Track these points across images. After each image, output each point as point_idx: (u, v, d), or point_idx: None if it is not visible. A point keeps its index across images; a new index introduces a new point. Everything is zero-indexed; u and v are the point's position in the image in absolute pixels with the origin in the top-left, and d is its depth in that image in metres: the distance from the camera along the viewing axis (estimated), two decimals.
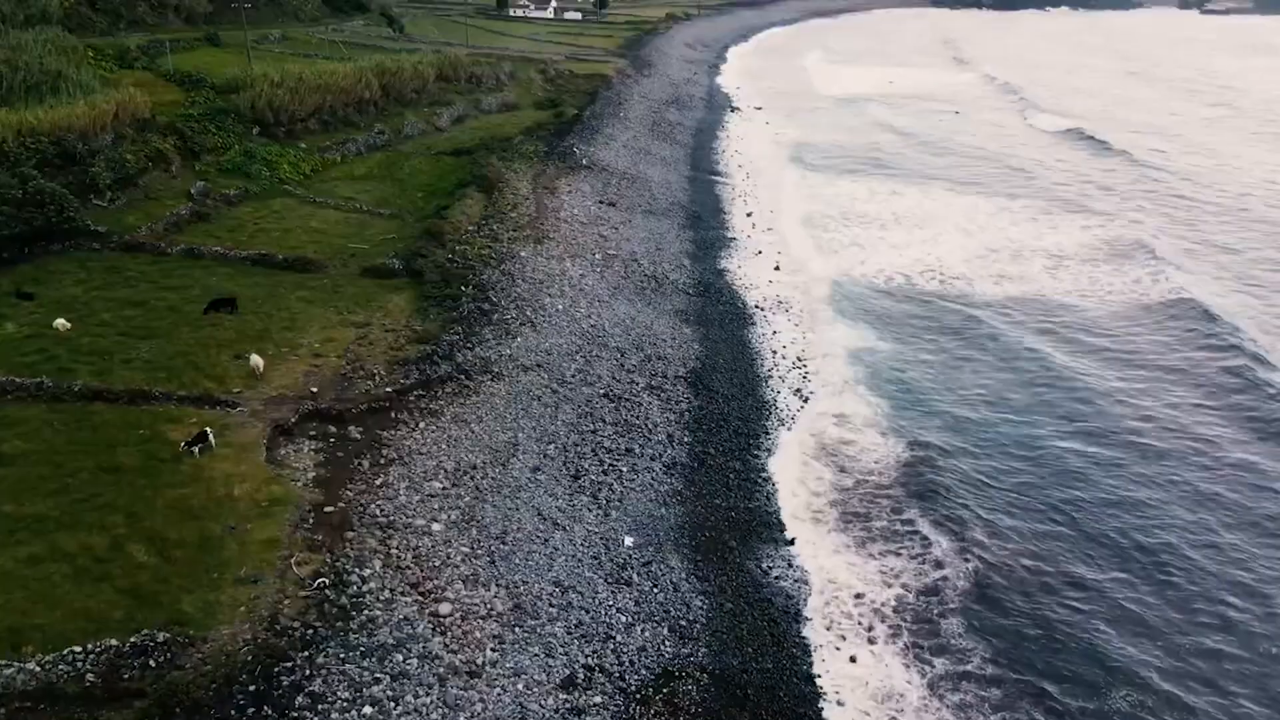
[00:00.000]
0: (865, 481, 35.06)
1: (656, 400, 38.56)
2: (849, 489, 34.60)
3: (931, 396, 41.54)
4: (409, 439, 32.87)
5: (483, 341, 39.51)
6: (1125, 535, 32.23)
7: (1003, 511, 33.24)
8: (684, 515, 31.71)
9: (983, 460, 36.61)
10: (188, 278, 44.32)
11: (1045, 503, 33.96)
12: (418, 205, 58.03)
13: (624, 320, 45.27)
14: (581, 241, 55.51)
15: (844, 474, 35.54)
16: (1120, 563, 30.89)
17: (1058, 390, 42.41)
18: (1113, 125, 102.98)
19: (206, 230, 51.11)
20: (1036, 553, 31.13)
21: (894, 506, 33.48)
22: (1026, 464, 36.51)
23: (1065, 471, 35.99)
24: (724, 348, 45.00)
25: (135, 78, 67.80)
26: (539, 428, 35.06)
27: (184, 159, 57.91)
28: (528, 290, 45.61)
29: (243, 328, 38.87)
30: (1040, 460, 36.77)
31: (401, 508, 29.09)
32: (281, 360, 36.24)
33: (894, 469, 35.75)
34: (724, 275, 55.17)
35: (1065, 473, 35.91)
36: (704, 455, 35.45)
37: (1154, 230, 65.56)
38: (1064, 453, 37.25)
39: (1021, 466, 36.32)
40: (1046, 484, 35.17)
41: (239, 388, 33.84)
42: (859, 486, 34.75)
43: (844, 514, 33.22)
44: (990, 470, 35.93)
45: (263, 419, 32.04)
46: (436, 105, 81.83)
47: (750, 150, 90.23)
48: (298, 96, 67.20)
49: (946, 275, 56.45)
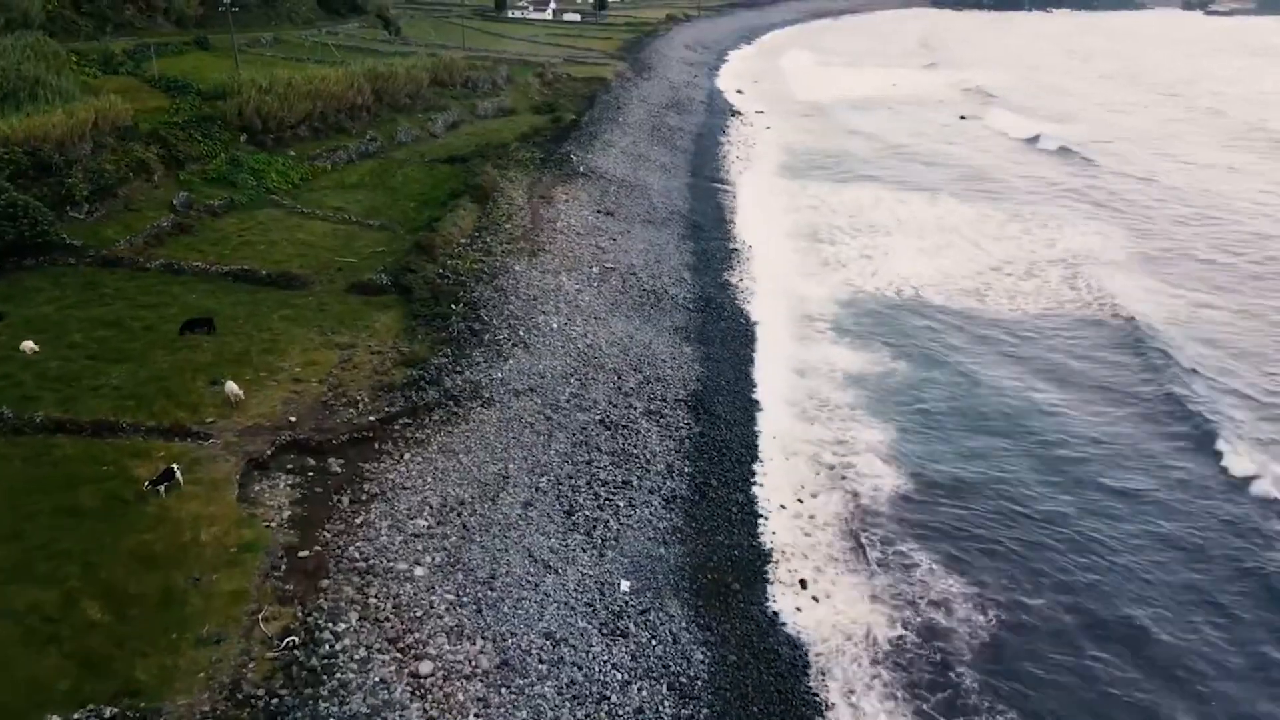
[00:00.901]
0: (874, 514, 33.16)
1: (655, 427, 36.67)
2: (857, 523, 32.69)
3: (940, 422, 39.62)
4: (393, 472, 30.98)
5: (473, 364, 37.61)
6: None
7: (1018, 555, 31.36)
8: (684, 555, 29.84)
9: (995, 492, 34.72)
10: (166, 295, 42.43)
11: (1065, 545, 32.09)
12: (409, 216, 56.13)
13: (621, 339, 43.38)
14: (578, 254, 53.61)
15: (852, 506, 33.63)
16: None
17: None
18: (1095, 135, 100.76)
19: (188, 243, 49.22)
20: (1056, 602, 29.26)
21: (901, 542, 31.62)
22: (1044, 497, 34.63)
23: (1090, 511, 34.13)
24: (726, 368, 43.12)
25: (120, 83, 65.99)
26: (531, 458, 33.17)
27: (167, 168, 56.00)
28: (521, 307, 43.72)
29: (221, 350, 36.98)
30: (1062, 498, 34.90)
31: (382, 550, 27.21)
32: (260, 386, 34.34)
33: (902, 501, 33.86)
34: (726, 289, 53.26)
35: (1090, 512, 34.04)
36: (705, 487, 33.57)
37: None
38: (1087, 490, 35.38)
39: (1038, 499, 34.45)
40: (1067, 524, 33.30)
41: (213, 417, 31.94)
42: (868, 520, 32.85)
43: (851, 550, 31.35)
44: (1005, 509, 34.02)
45: (236, 452, 30.14)
46: (431, 111, 79.94)
47: (752, 156, 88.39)
48: (287, 103, 65.29)
49: (956, 289, 54.50)
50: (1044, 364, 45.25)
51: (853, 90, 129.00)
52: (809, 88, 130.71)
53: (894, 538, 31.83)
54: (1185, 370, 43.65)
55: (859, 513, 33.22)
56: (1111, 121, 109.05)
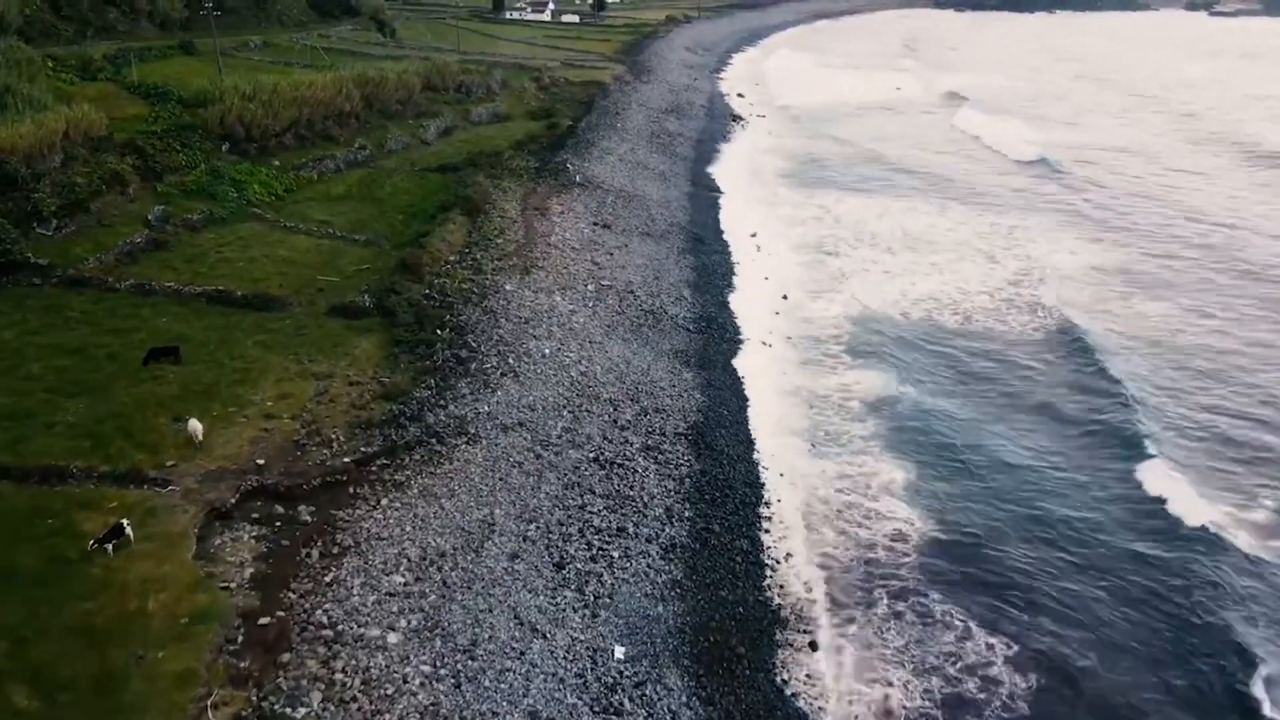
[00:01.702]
0: (892, 563, 30.67)
1: (653, 464, 34.19)
2: (873, 573, 30.20)
3: (960, 456, 37.14)
4: (368, 520, 28.54)
5: (458, 397, 35.13)
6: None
7: (1056, 611, 28.89)
8: (684, 613, 27.37)
9: (1030, 536, 32.26)
10: (134, 318, 40.01)
11: (1113, 598, 29.65)
12: (397, 230, 53.65)
13: (618, 365, 40.91)
14: (573, 270, 51.15)
15: (867, 553, 31.16)
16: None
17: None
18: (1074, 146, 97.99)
19: (163, 260, 46.79)
20: (1091, 654, 26.84)
21: (923, 595, 29.14)
22: (1070, 543, 32.19)
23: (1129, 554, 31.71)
24: (728, 395, 40.66)
25: (98, 90, 63.55)
26: (519, 502, 30.70)
27: (144, 180, 53.50)
28: (511, 331, 41.25)
29: (188, 381, 34.52)
30: (1089, 539, 32.47)
31: (353, 612, 24.77)
32: (227, 424, 31.87)
33: (924, 548, 31.36)
34: (727, 307, 50.79)
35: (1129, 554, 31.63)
36: (706, 533, 31.11)
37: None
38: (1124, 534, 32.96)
39: (1064, 543, 32.01)
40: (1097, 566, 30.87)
41: (173, 460, 29.48)
42: (885, 570, 30.35)
43: (865, 602, 28.92)
44: (1042, 557, 31.57)
45: (197, 500, 27.68)
46: (423, 117, 77.44)
47: (754, 163, 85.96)
48: (271, 110, 62.79)
49: (969, 309, 52.00)
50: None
51: (855, 95, 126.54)
52: (811, 92, 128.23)
53: (915, 590, 29.34)
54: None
55: (875, 561, 30.73)
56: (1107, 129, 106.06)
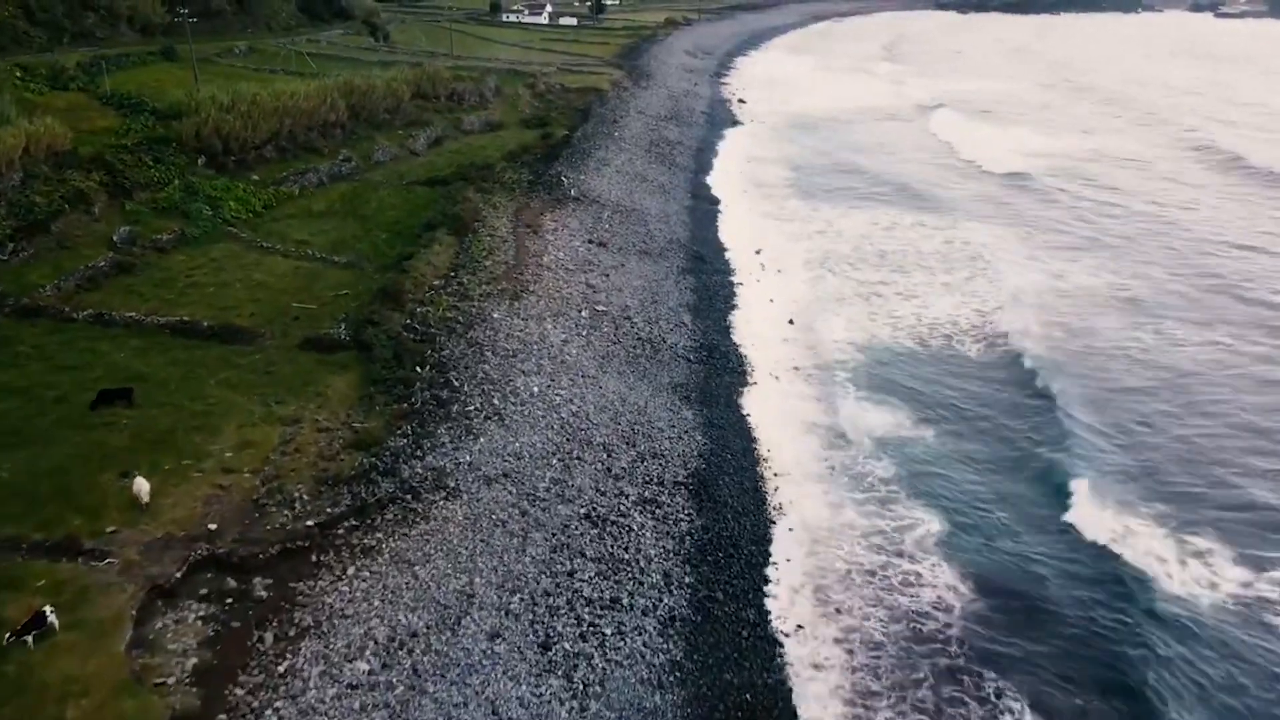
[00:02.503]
0: (930, 636, 27.51)
1: (650, 520, 31.16)
2: (905, 649, 27.12)
3: (994, 504, 34.06)
4: (332, 593, 25.58)
5: (437, 446, 32.11)
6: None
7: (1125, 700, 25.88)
8: (685, 702, 24.34)
9: (1070, 602, 29.22)
10: (90, 353, 37.09)
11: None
12: (380, 250, 50.66)
13: (613, 403, 37.90)
14: (566, 294, 48.15)
15: (896, 624, 28.05)
16: None
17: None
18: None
19: (128, 286, 43.89)
20: None
21: (969, 675, 26.00)
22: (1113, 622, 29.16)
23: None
24: (732, 436, 37.59)
25: (68, 101, 60.66)
26: (501, 568, 27.70)
27: (111, 197, 50.59)
28: (497, 367, 38.25)
29: (142, 428, 31.57)
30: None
31: (309, 711, 21.82)
32: (179, 480, 28.89)
33: (966, 618, 28.17)
34: (730, 333, 47.74)
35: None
36: (709, 602, 28.07)
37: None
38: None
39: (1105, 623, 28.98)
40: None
41: (115, 525, 26.51)
42: (922, 643, 27.24)
43: (896, 686, 25.84)
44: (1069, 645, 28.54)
45: (137, 576, 24.71)
46: (412, 126, 74.53)
47: (757, 173, 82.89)
48: (251, 121, 59.89)
49: (990, 334, 48.89)
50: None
51: (859, 100, 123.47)
52: (814, 97, 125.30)
53: (956, 670, 26.23)
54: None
55: (907, 633, 27.60)
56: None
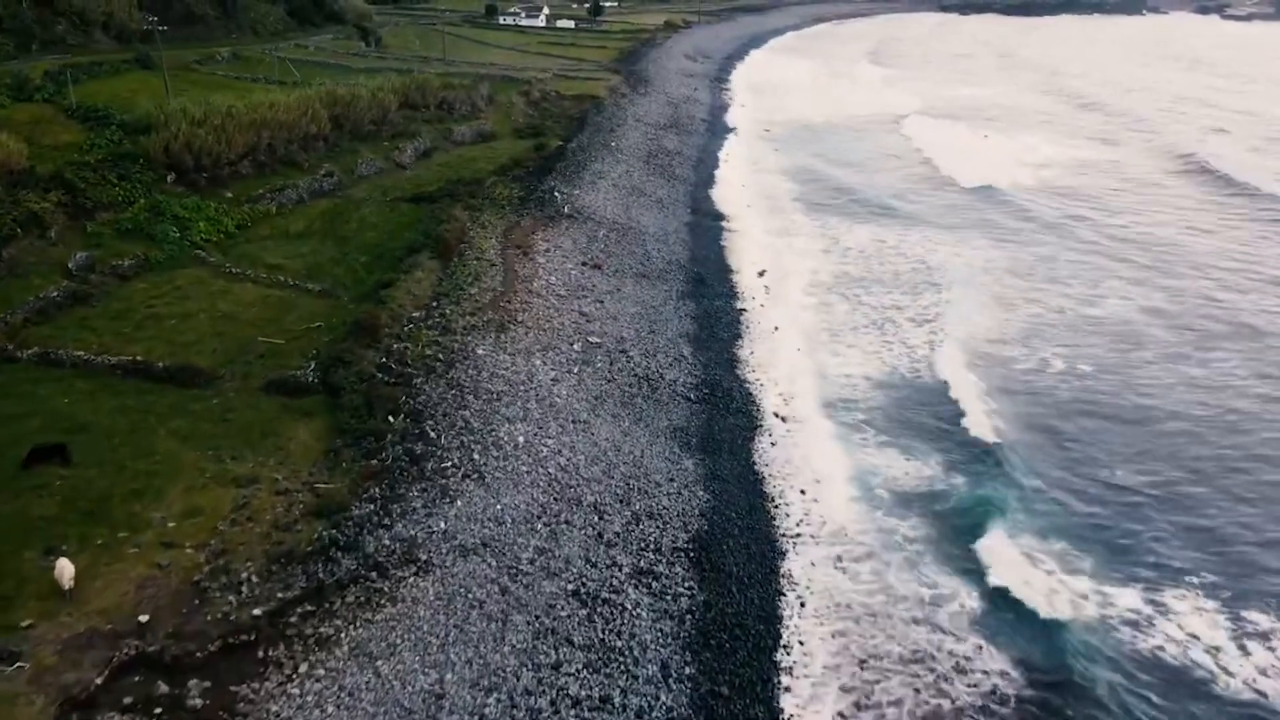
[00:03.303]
0: None
1: (646, 596, 27.76)
2: None
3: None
4: (279, 698, 22.23)
5: (408, 512, 28.73)
6: None
7: None
8: None
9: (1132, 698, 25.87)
10: (30, 399, 33.76)
11: None
12: (358, 276, 47.31)
13: (606, 453, 34.50)
14: (557, 324, 44.79)
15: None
16: None
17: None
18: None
19: (81, 318, 40.57)
20: None
21: None
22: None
23: None
24: (737, 490, 34.18)
25: (31, 113, 57.30)
26: (477, 661, 24.33)
27: (71, 219, 47.24)
28: (479, 413, 34.86)
29: (75, 492, 28.23)
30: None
31: None
32: (112, 558, 25.52)
33: (1015, 709, 24.86)
34: (734, 368, 44.34)
35: None
36: (712, 698, 24.67)
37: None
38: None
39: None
40: None
41: (31, 618, 23.13)
42: None
43: None
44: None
45: (51, 685, 21.33)
46: (399, 138, 71.13)
47: (759, 185, 79.47)
48: (225, 135, 56.51)
49: (1013, 360, 45.58)
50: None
51: (862, 107, 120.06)
52: (815, 104, 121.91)
53: None
54: None
55: None
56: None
